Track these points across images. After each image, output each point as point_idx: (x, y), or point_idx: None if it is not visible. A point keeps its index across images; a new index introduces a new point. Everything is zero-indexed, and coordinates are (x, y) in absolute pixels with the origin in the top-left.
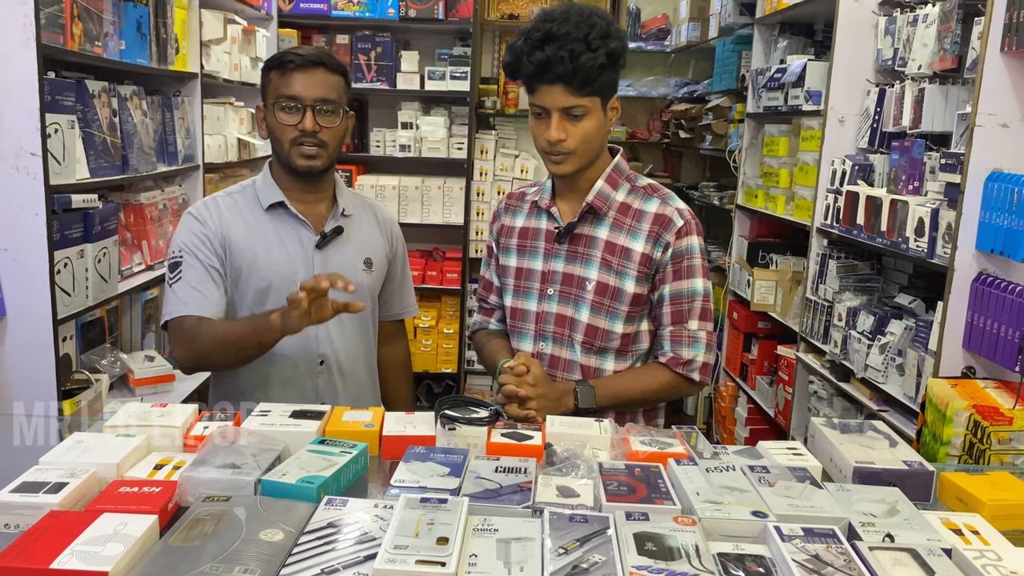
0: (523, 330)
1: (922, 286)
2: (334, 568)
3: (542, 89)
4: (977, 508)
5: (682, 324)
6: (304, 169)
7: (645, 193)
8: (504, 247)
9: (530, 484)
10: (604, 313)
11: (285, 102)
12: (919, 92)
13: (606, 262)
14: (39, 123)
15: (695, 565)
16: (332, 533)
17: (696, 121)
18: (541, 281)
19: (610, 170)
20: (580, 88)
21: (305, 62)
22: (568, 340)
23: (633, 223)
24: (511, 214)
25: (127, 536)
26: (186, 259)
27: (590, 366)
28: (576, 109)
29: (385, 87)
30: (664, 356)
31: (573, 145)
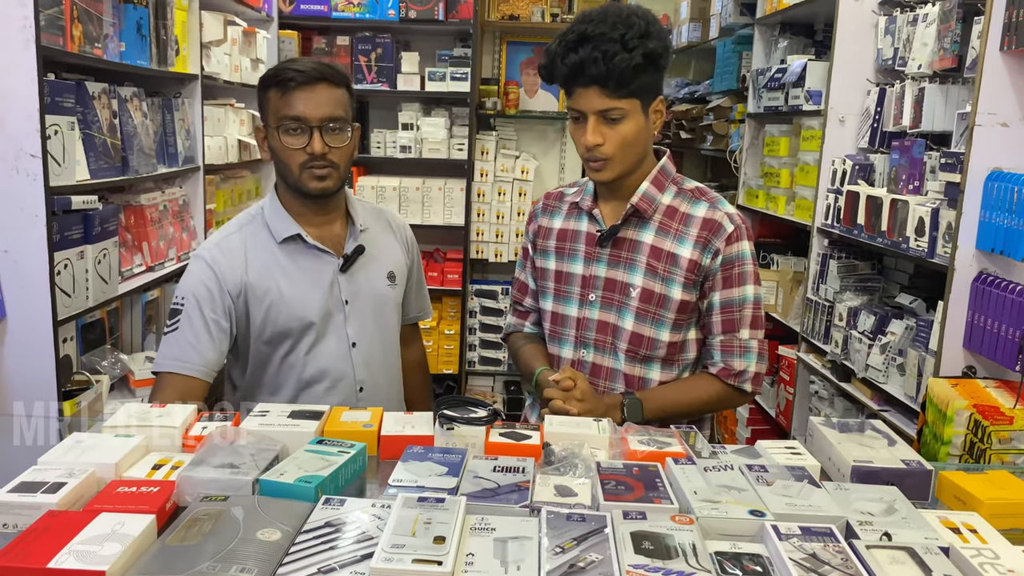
0: (563, 336)
1: (923, 286)
2: (331, 567)
3: (578, 92)
4: (975, 507)
5: (733, 333)
6: (317, 192)
7: (693, 196)
8: (542, 249)
9: (528, 483)
10: (649, 321)
11: (289, 124)
12: (919, 92)
13: (651, 268)
14: (39, 125)
15: (692, 564)
16: (329, 532)
17: (697, 122)
18: (582, 286)
19: (656, 172)
20: (616, 90)
21: (307, 79)
22: (611, 348)
23: (680, 227)
24: (549, 215)
25: (125, 536)
26: (187, 308)
27: (634, 375)
28: (613, 112)
29: (386, 88)
30: (715, 367)
31: (611, 150)
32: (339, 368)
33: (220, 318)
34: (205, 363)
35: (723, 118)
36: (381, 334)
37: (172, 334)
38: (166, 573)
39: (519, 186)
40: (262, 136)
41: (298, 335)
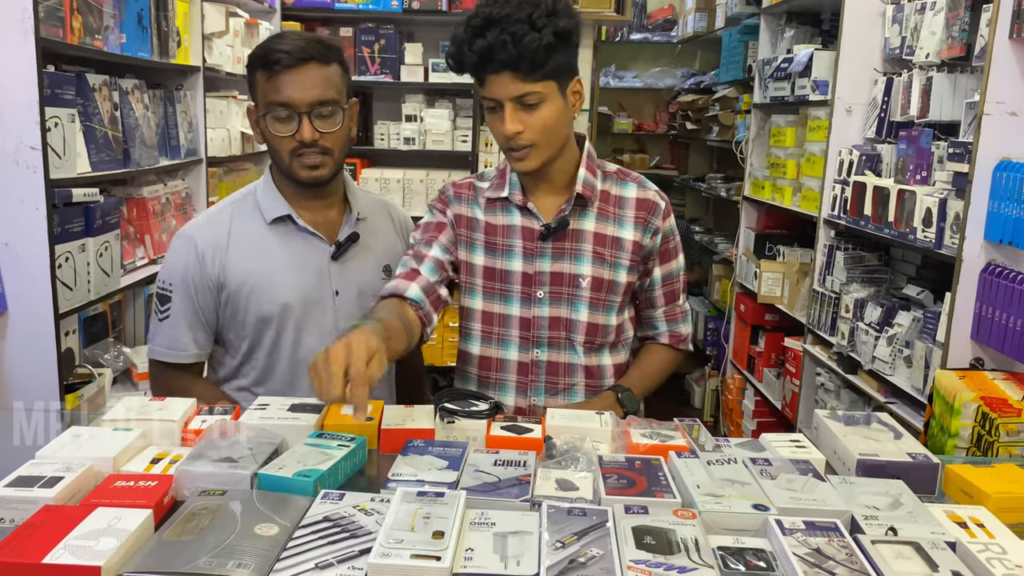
0: (505, 337)
1: (930, 277)
2: (328, 563)
3: (489, 80)
4: (982, 501)
5: (675, 303)
6: (309, 181)
7: (619, 178)
8: (467, 240)
9: (529, 477)
10: (601, 308)
11: (277, 110)
12: (927, 81)
13: (598, 255)
14: (39, 117)
15: (694, 559)
16: (327, 527)
17: (703, 112)
18: (523, 284)
19: (586, 158)
20: (529, 73)
21: (293, 60)
22: (567, 343)
23: (617, 211)
24: (466, 204)
25: (121, 531)
26: (176, 295)
27: (592, 365)
28: (529, 97)
29: (389, 80)
30: (663, 336)
31: (532, 137)
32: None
33: (207, 300)
34: (199, 347)
35: (729, 108)
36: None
37: (165, 322)
38: (162, 568)
39: None
40: (254, 119)
41: (280, 321)
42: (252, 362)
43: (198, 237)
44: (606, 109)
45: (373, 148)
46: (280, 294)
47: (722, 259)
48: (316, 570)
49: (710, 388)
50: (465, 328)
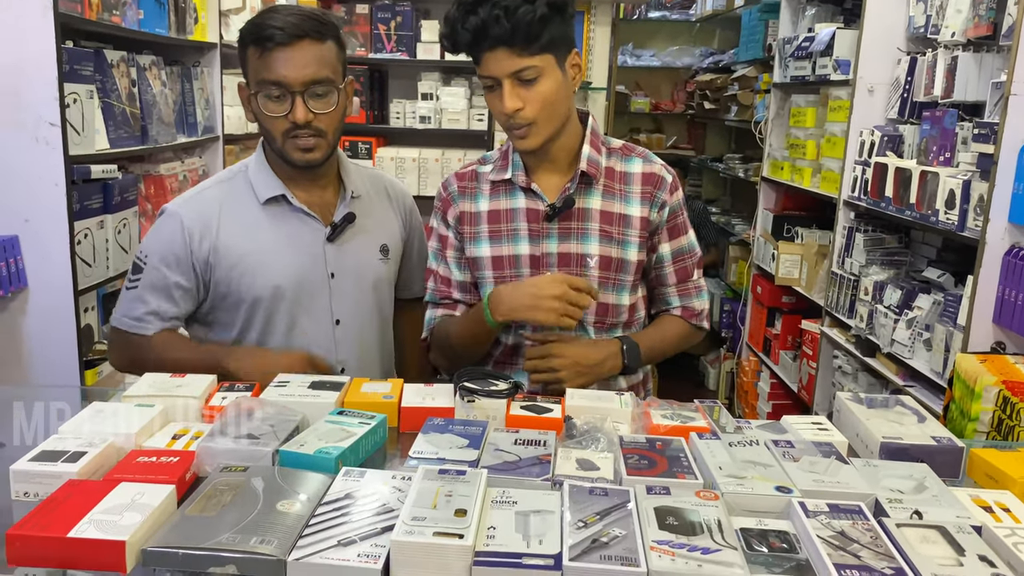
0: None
1: (951, 260)
2: (351, 539)
3: (486, 57)
4: (1007, 485)
5: (688, 280)
6: (303, 164)
7: (623, 154)
8: (471, 236)
9: (549, 457)
10: (611, 287)
11: (270, 89)
12: (952, 60)
13: (606, 233)
14: (57, 93)
15: (717, 540)
16: (349, 504)
17: (721, 92)
18: (531, 267)
19: (590, 134)
20: (525, 47)
21: (287, 37)
22: (578, 324)
23: (623, 187)
24: (470, 199)
25: (145, 506)
26: (149, 268)
27: None
28: (526, 72)
29: (405, 57)
30: (676, 310)
31: (533, 113)
32: (320, 346)
33: (183, 280)
34: (162, 321)
35: (748, 88)
36: (369, 312)
37: (132, 291)
38: (186, 543)
39: None
40: (246, 96)
41: (271, 304)
42: (244, 344)
43: (185, 216)
44: (623, 88)
45: (388, 127)
46: (272, 276)
47: (739, 240)
48: (339, 547)
49: (725, 370)
50: None
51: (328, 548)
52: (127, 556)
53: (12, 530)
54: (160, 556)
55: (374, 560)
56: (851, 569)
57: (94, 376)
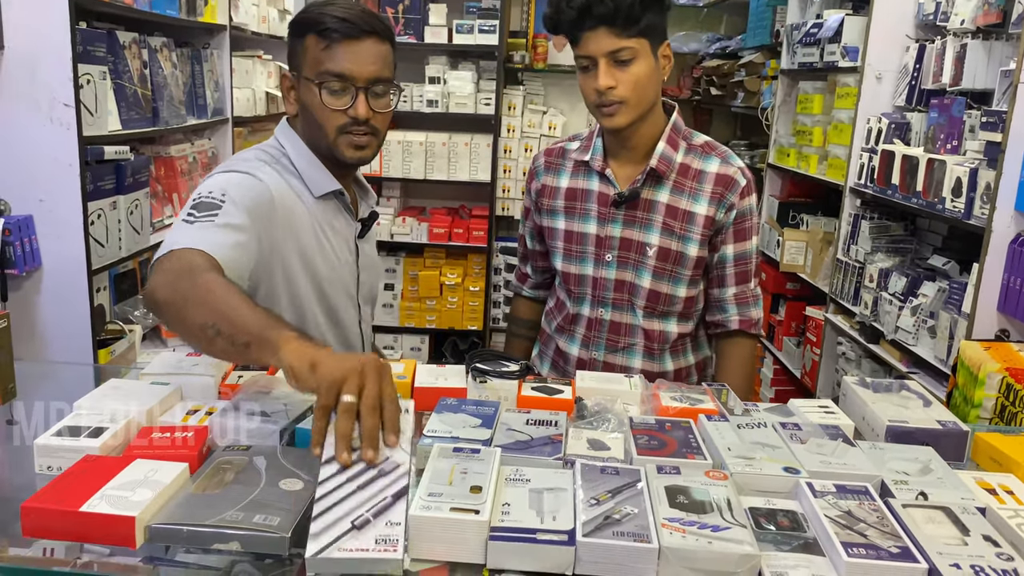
0: (580, 294)
1: (956, 248)
2: (365, 519)
3: (586, 37)
4: (1012, 468)
5: (746, 284)
6: (354, 161)
7: (703, 152)
8: (549, 209)
9: (561, 437)
10: (667, 278)
11: (331, 81)
12: (961, 48)
13: (668, 227)
14: (71, 74)
15: (727, 519)
16: (357, 469)
17: (728, 78)
18: (597, 246)
19: (669, 130)
20: (625, 28)
21: (356, 31)
22: (628, 305)
23: (694, 185)
24: (553, 173)
25: (157, 482)
26: (227, 207)
27: (653, 329)
28: (623, 52)
29: (413, 41)
30: (733, 321)
31: (625, 93)
32: (353, 340)
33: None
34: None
35: (755, 74)
36: (372, 307)
37: (204, 222)
38: (191, 521)
39: (546, 142)
40: (289, 85)
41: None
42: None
43: (272, 186)
44: None
45: (396, 110)
46: (317, 271)
47: None
48: (355, 532)
49: None
50: (560, 288)
51: (344, 535)
52: (137, 532)
53: (27, 503)
54: (166, 533)
55: (392, 546)
56: (858, 547)
57: (107, 355)
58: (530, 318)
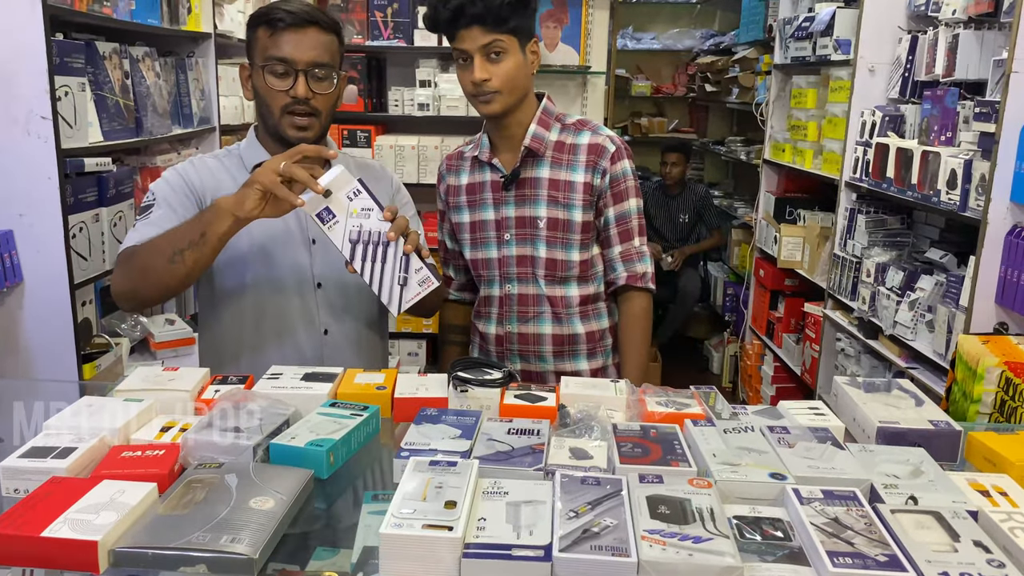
0: (488, 277)
1: (954, 240)
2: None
3: (461, 34)
4: (1006, 468)
5: (630, 242)
6: (296, 140)
7: (576, 128)
8: (454, 206)
9: (543, 446)
10: (559, 246)
11: (275, 65)
12: (953, 38)
13: (552, 198)
14: (48, 86)
15: (710, 529)
16: None
17: (722, 74)
18: (496, 229)
19: (540, 113)
20: (496, 26)
21: (297, 20)
22: (531, 277)
23: (570, 157)
24: (455, 174)
25: (123, 504)
26: (158, 203)
27: (556, 295)
28: (495, 46)
29: (403, 44)
30: (621, 277)
31: (498, 84)
32: (301, 306)
33: (188, 214)
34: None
35: (749, 70)
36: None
37: (141, 222)
38: (156, 543)
39: None
40: (246, 75)
41: (253, 260)
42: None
43: (188, 171)
44: (624, 72)
45: (387, 115)
46: (257, 235)
47: (742, 224)
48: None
49: (728, 354)
50: (473, 276)
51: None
52: (100, 557)
53: None
54: (130, 557)
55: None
56: (844, 556)
57: (92, 370)
58: (460, 323)
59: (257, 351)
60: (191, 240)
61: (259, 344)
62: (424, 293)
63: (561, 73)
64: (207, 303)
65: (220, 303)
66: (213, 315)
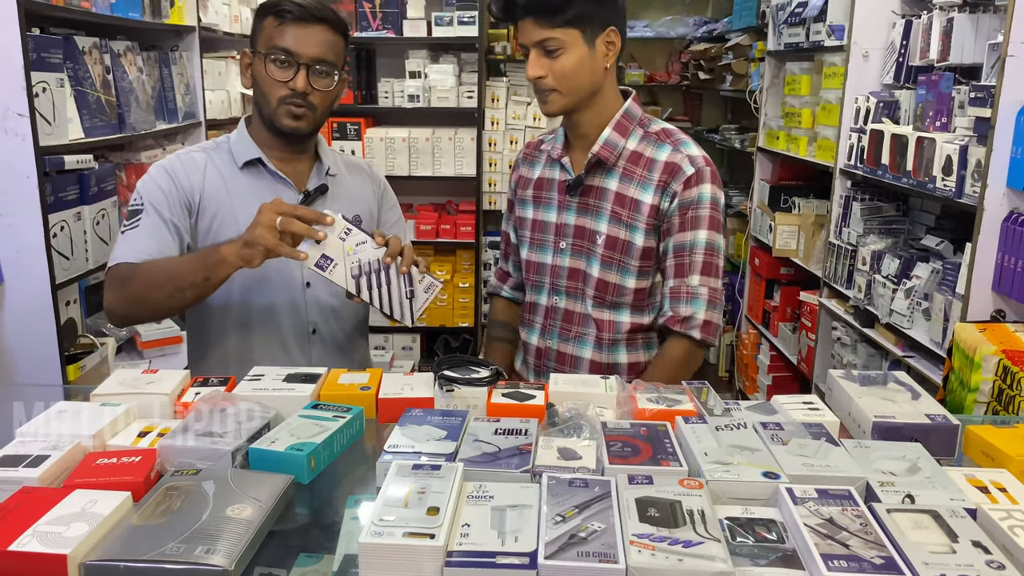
0: (539, 284)
1: (950, 227)
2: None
3: (519, 26)
4: (1005, 463)
5: (683, 279)
6: (289, 131)
7: (658, 139)
8: (521, 199)
9: (530, 446)
10: (615, 268)
11: (278, 55)
12: (948, 22)
13: (616, 215)
14: (24, 82)
15: (700, 532)
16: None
17: (716, 61)
18: (555, 234)
19: (619, 116)
20: (550, 19)
21: (306, 15)
22: (580, 294)
23: (644, 173)
24: (529, 164)
25: (94, 515)
26: (147, 209)
27: (603, 319)
28: (550, 43)
29: (391, 35)
30: (664, 316)
31: (553, 83)
32: (290, 305)
33: (177, 221)
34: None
35: (742, 57)
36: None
37: (131, 231)
38: (128, 556)
39: (532, 133)
40: (247, 62)
41: None
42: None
43: (176, 167)
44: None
45: (377, 107)
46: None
47: (736, 212)
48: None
49: (725, 343)
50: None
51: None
52: (70, 570)
53: None
54: (102, 570)
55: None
56: (839, 559)
57: (76, 371)
58: (510, 320)
59: (245, 350)
60: (193, 281)
61: (247, 343)
62: (431, 297)
63: None
64: None
65: (208, 302)
66: (201, 314)
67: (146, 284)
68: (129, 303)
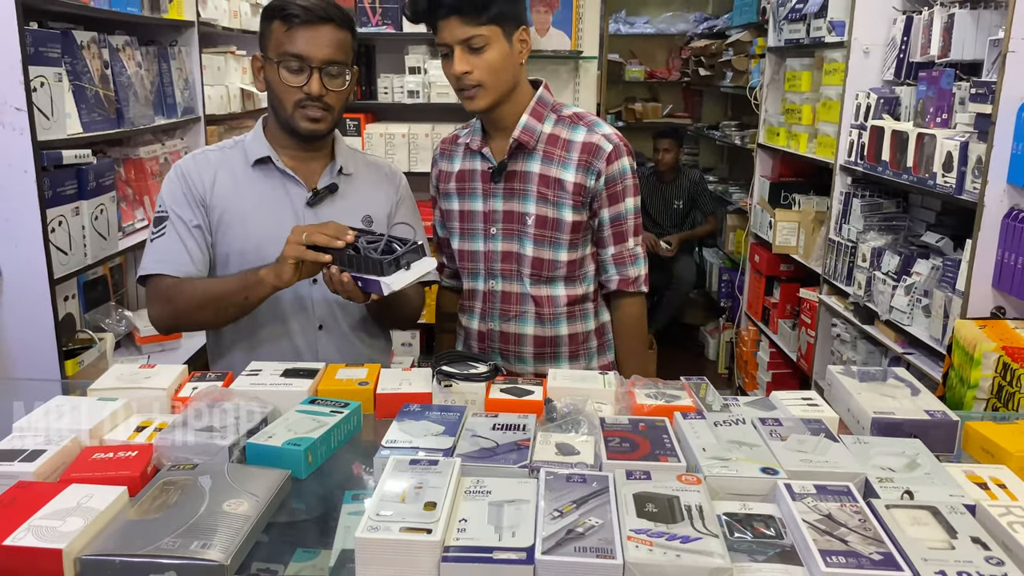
0: (474, 270)
1: (950, 224)
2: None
3: (440, 26)
4: (1004, 459)
5: (623, 244)
6: (307, 133)
7: (571, 122)
8: (444, 192)
9: (528, 442)
10: (548, 244)
11: (290, 61)
12: (948, 18)
13: (542, 195)
14: (22, 76)
15: (698, 528)
16: None
17: (716, 58)
18: (484, 221)
19: (534, 103)
20: (474, 17)
21: (313, 17)
22: (516, 275)
23: (563, 154)
24: (448, 159)
25: (90, 510)
26: (172, 216)
27: (541, 295)
28: (475, 40)
29: (391, 31)
30: (613, 281)
31: (479, 77)
32: (296, 303)
33: (200, 223)
34: (195, 263)
35: (743, 53)
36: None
37: (159, 240)
38: (124, 551)
39: None
40: (259, 66)
41: (251, 259)
42: None
43: (183, 165)
44: (617, 57)
45: (377, 102)
46: (252, 231)
47: (736, 209)
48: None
49: (724, 340)
50: (458, 267)
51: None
52: (65, 565)
53: None
54: (97, 565)
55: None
56: (837, 555)
57: (75, 366)
58: (453, 310)
59: (251, 345)
60: (235, 303)
61: (253, 338)
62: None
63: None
64: None
65: None
66: None
67: (190, 304)
68: (175, 319)
